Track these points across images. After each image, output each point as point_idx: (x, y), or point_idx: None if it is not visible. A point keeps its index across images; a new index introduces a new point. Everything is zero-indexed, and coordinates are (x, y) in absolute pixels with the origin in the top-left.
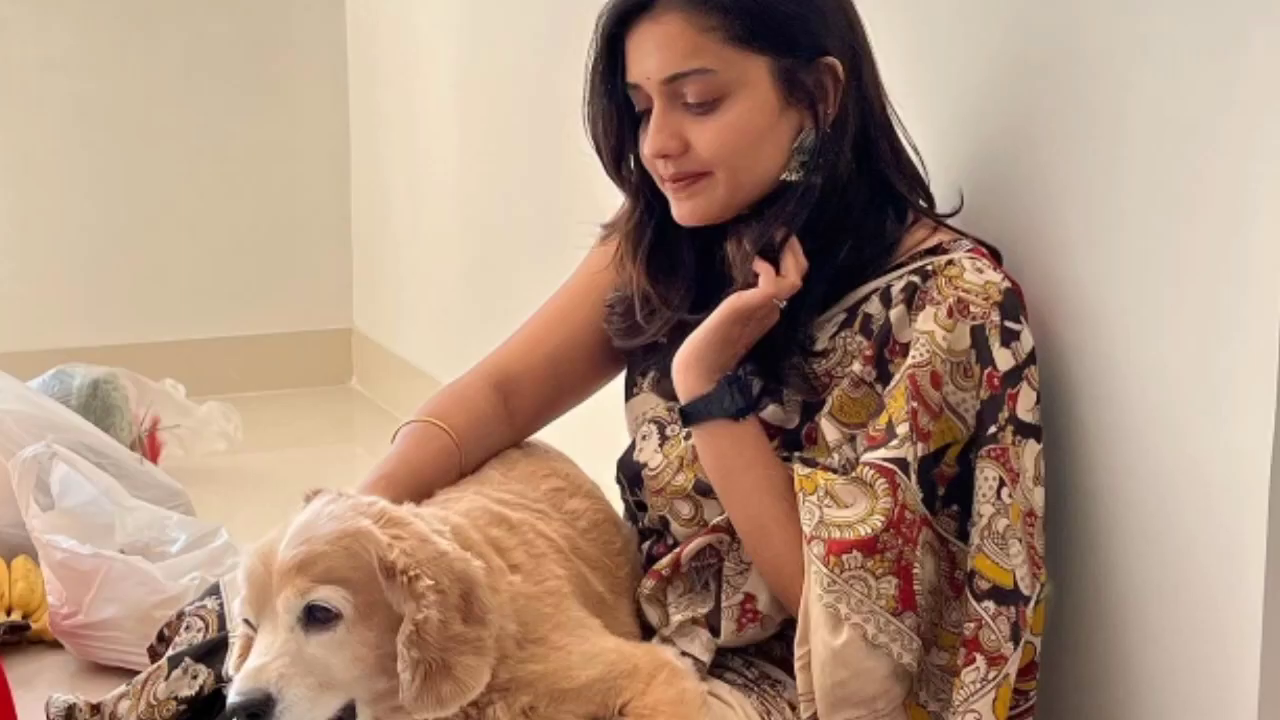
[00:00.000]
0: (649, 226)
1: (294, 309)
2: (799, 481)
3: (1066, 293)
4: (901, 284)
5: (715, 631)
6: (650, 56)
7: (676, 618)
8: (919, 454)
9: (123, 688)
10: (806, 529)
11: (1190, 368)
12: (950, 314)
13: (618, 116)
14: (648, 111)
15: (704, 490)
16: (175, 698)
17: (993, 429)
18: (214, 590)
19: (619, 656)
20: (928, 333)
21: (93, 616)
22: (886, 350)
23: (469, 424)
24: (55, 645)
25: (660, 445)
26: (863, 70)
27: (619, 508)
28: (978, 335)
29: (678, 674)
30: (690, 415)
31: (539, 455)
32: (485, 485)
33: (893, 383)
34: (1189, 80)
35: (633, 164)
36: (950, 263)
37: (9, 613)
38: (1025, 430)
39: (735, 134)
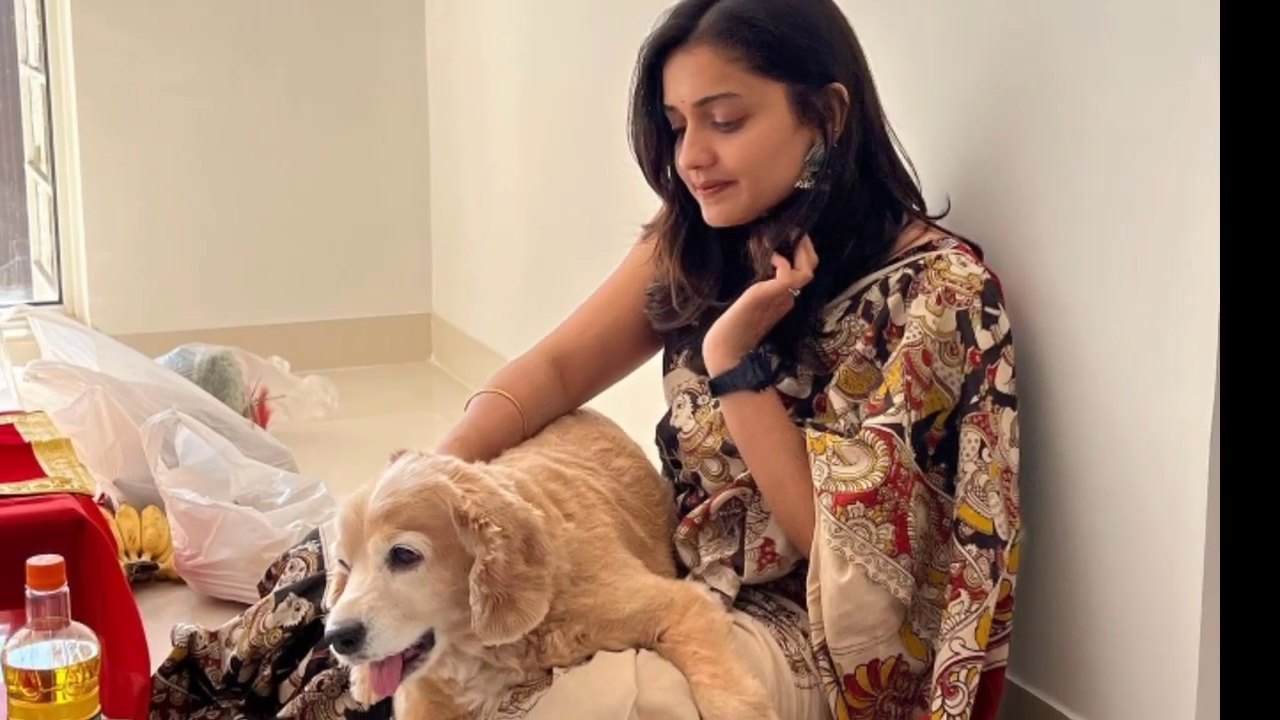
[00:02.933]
0: (683, 227)
1: (381, 296)
2: (810, 443)
3: (1038, 283)
4: (898, 276)
5: (739, 570)
6: (684, 83)
7: (706, 559)
8: (912, 420)
9: (236, 618)
10: (817, 483)
11: (1143, 347)
12: (939, 301)
13: (656, 134)
14: (682, 129)
15: (730, 451)
16: (281, 626)
17: (975, 399)
18: (314, 535)
19: (658, 591)
20: (920, 317)
21: (211, 558)
22: (885, 332)
23: (530, 394)
24: (179, 582)
25: (693, 412)
26: (864, 94)
27: (658, 466)
28: (962, 319)
29: (708, 606)
30: (718, 387)
31: (590, 421)
32: (544, 446)
33: (890, 359)
34: (1142, 102)
35: (669, 174)
36: (939, 258)
37: (140, 554)
38: (1003, 400)
39: (756, 149)
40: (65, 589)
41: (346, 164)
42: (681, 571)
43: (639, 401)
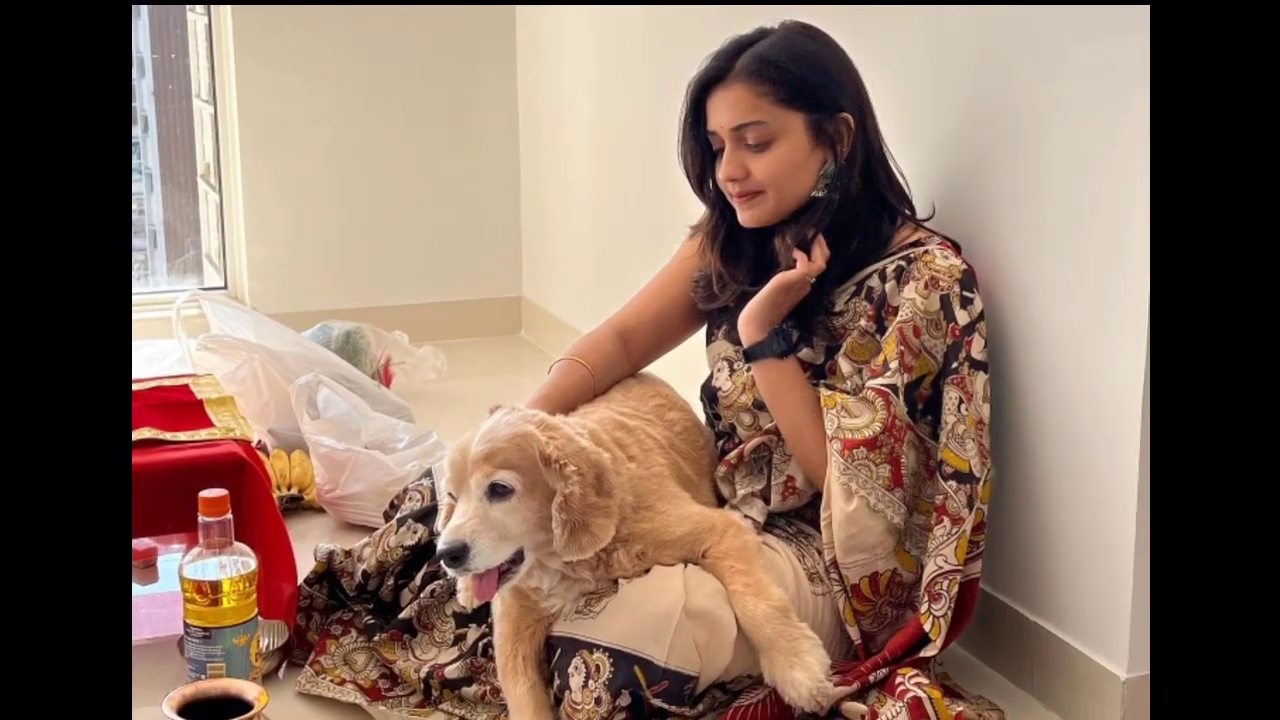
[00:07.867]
0: (722, 227)
1: (481, 282)
2: (824, 400)
3: (1005, 272)
4: (893, 267)
5: (767, 501)
6: (723, 112)
7: (741, 492)
8: (905, 381)
9: (366, 539)
10: (828, 431)
11: (1089, 323)
12: (926, 287)
13: (700, 153)
14: (721, 150)
15: (760, 406)
16: (401, 546)
17: (955, 364)
18: (428, 473)
19: (702, 518)
20: (911, 299)
21: (346, 491)
22: (883, 311)
23: (600, 361)
24: (320, 511)
25: (730, 375)
26: (867, 121)
27: (702, 418)
28: (945, 301)
29: (742, 530)
30: (750, 355)
31: (648, 382)
32: (611, 403)
33: (887, 333)
34: (1089, 128)
35: (711, 185)
36: (926, 252)
37: (289, 488)
38: (977, 365)
39: (781, 165)
40: (229, 516)
41: (453, 176)
42: (721, 502)
43: (687, 367)
